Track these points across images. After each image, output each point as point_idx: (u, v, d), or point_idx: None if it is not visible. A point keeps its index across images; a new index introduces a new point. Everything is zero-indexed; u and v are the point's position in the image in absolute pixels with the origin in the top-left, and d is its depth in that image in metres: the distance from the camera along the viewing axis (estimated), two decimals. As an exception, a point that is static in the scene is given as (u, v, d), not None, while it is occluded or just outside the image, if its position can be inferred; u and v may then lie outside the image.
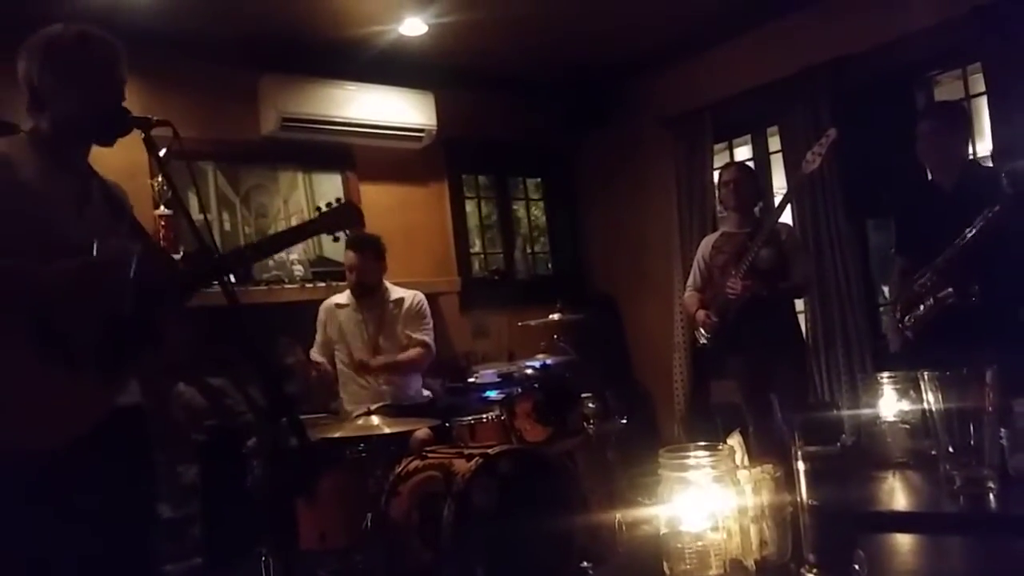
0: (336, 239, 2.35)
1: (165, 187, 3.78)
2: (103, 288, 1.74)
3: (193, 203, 4.19)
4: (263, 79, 4.33)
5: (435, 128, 4.77)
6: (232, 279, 3.73)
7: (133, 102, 1.95)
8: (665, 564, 1.18)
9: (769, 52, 4.60)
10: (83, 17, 3.16)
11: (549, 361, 3.86)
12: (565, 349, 4.07)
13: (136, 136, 1.89)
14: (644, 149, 5.36)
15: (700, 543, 1.15)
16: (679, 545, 1.16)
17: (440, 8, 4.09)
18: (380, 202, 4.74)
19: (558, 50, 4.80)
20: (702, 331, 3.74)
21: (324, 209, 2.24)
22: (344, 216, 2.25)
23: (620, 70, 5.24)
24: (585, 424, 3.62)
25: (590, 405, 3.81)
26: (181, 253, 3.90)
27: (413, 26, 4.25)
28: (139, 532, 1.93)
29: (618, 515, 3.07)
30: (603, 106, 5.51)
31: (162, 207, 3.95)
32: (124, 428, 1.84)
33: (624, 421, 3.94)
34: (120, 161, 2.02)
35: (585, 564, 2.91)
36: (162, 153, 1.93)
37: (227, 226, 4.35)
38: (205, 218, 4.21)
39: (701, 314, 3.72)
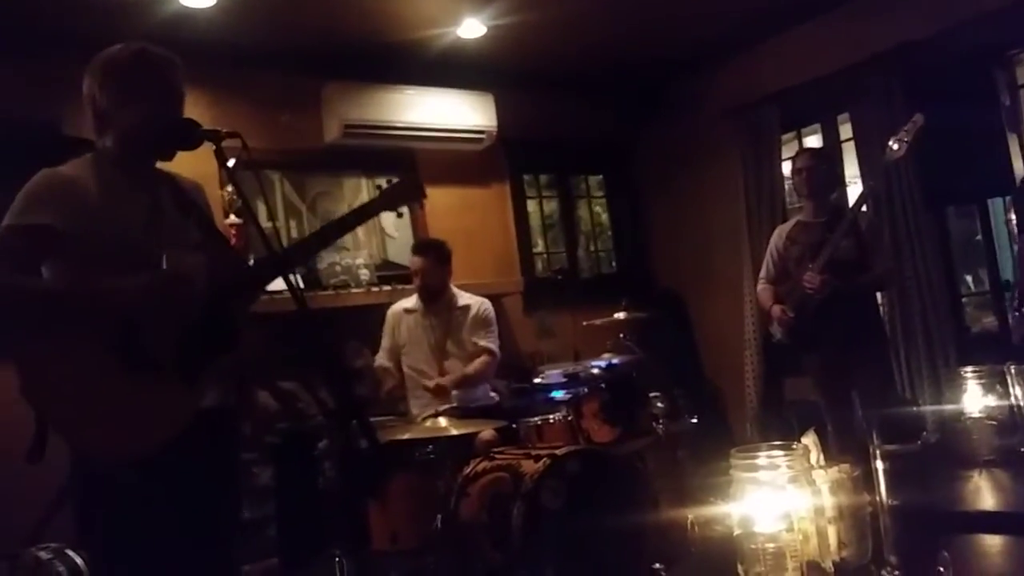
0: (399, 215, 2.28)
1: (235, 196, 3.88)
2: (173, 300, 1.79)
3: (262, 211, 4.32)
4: (325, 88, 4.41)
5: (495, 129, 4.78)
6: (301, 283, 3.81)
7: (200, 114, 2.01)
8: (739, 566, 1.15)
9: (837, 38, 4.46)
10: (149, 33, 3.31)
11: (615, 360, 3.83)
12: (631, 348, 4.03)
13: (206, 148, 1.93)
14: (708, 141, 5.27)
15: (775, 545, 1.11)
16: (753, 547, 1.13)
17: (498, 9, 4.09)
18: (442, 205, 4.77)
19: (617, 45, 4.75)
20: (777, 327, 3.64)
21: (384, 186, 2.20)
22: (405, 191, 2.22)
23: (681, 62, 5.15)
24: (654, 424, 3.57)
25: (658, 404, 3.75)
26: (252, 260, 4.00)
27: (472, 28, 4.27)
28: (227, 533, 1.98)
29: (690, 515, 3.01)
30: (665, 100, 5.44)
31: (232, 216, 4.06)
32: (211, 429, 1.89)
33: (694, 420, 3.87)
34: (191, 172, 2.07)
35: (657, 565, 2.86)
36: (231, 164, 1.98)
37: (295, 233, 4.45)
38: (273, 225, 4.33)
39: (777, 309, 3.61)
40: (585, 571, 2.72)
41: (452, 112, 4.66)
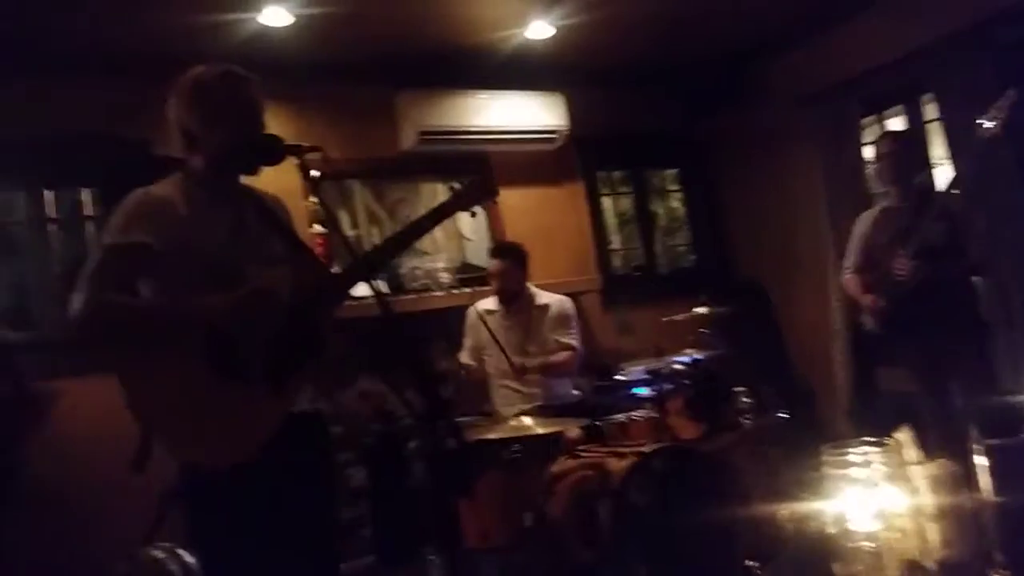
0: (473, 215, 2.30)
1: (319, 207, 4.00)
2: (257, 313, 1.85)
3: (344, 220, 4.45)
4: (399, 96, 4.50)
5: (567, 128, 4.79)
6: (384, 288, 3.91)
7: (281, 128, 2.08)
8: (836, 565, 1.14)
9: (917, 14, 4.28)
10: (230, 52, 3.46)
11: (698, 356, 3.78)
12: (714, 342, 3.97)
13: (290, 161, 2.01)
14: (784, 128, 5.13)
15: (873, 544, 1.09)
16: (851, 545, 1.11)
17: (565, 10, 4.10)
18: (517, 206, 4.81)
19: (687, 37, 4.69)
20: (869, 316, 3.53)
21: (457, 187, 2.24)
22: (476, 190, 2.24)
23: (752, 50, 5.05)
24: (741, 419, 3.52)
25: (745, 399, 3.70)
26: (337, 267, 4.12)
27: (539, 29, 4.29)
28: (324, 532, 2.05)
29: (782, 512, 2.96)
30: (738, 89, 5.34)
31: (317, 226, 4.19)
32: (302, 433, 1.97)
33: (783, 415, 3.80)
34: (276, 186, 2.15)
35: (750, 563, 2.83)
36: (314, 175, 2.05)
37: (377, 239, 4.54)
38: (356, 233, 4.45)
39: (868, 298, 3.50)
40: (677, 569, 2.71)
41: (523, 114, 4.69)
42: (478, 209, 2.27)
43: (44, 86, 3.70)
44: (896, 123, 4.80)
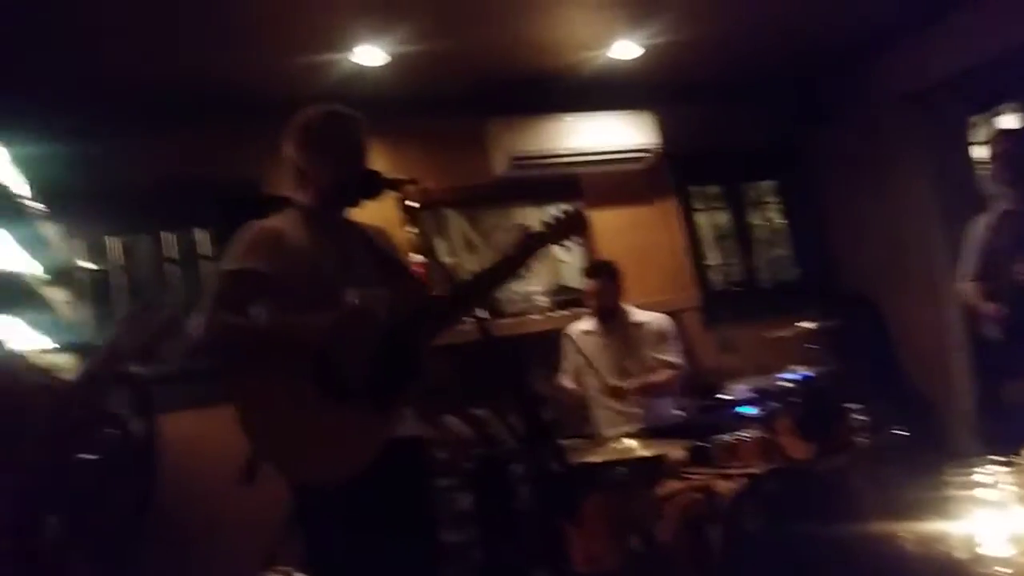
0: (568, 249, 2.34)
1: (416, 236, 4.10)
2: (358, 333, 1.92)
3: (442, 248, 4.55)
4: (490, 124, 4.58)
5: (658, 146, 4.75)
6: (484, 313, 3.95)
7: (378, 161, 2.18)
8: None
9: (1026, 6, 4.06)
10: (327, 91, 3.60)
11: (807, 372, 3.65)
12: (823, 358, 3.83)
13: (388, 193, 2.09)
14: (887, 132, 4.93)
15: (1009, 570, 1.03)
16: (985, 572, 1.05)
17: (653, 29, 4.09)
18: (611, 226, 4.79)
19: (779, 46, 4.60)
20: (992, 325, 3.34)
21: (550, 221, 2.27)
22: (568, 225, 2.28)
23: (849, 53, 4.88)
24: (855, 438, 3.37)
25: (858, 417, 3.53)
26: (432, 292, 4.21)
27: (626, 49, 4.29)
28: (426, 554, 2.09)
29: (903, 534, 2.81)
30: (833, 94, 5.18)
31: (415, 255, 4.28)
32: (404, 458, 2.01)
33: (901, 432, 3.61)
34: (376, 217, 2.24)
35: (871, 588, 2.70)
36: (411, 206, 2.12)
37: (473, 267, 4.62)
38: (454, 260, 4.54)
39: (989, 306, 3.32)
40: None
41: (613, 134, 4.69)
42: (570, 243, 2.30)
43: (158, 134, 3.97)
44: (1009, 121, 4.55)
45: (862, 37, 4.70)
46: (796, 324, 3.94)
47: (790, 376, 3.62)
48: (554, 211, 2.34)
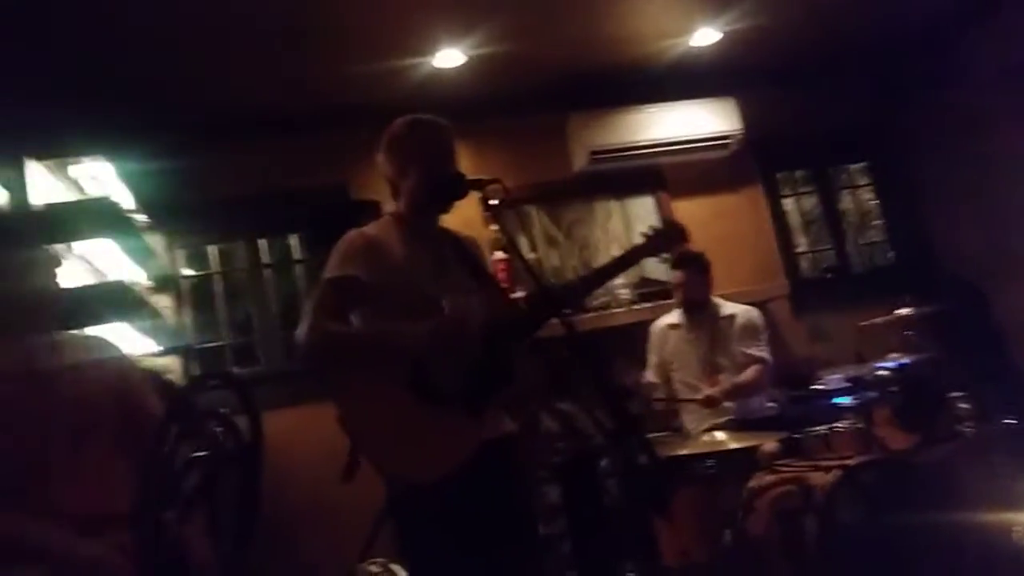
0: (663, 260, 2.39)
1: (500, 234, 4.15)
2: (454, 341, 1.97)
3: (524, 244, 4.58)
4: (569, 119, 4.58)
5: (741, 132, 4.65)
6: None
7: (460, 162, 2.22)
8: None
9: None
10: (403, 96, 3.68)
11: (905, 360, 3.51)
12: (923, 345, 3.68)
13: (472, 194, 2.13)
14: (987, 106, 4.68)
15: None
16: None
17: (733, 15, 4.01)
18: (694, 217, 4.70)
19: (865, 22, 4.43)
20: None
21: (648, 233, 2.29)
22: (668, 237, 2.30)
23: (943, 23, 4.66)
24: (960, 427, 3.23)
25: (963, 405, 3.38)
26: (521, 292, 4.24)
27: (706, 36, 4.22)
28: (527, 547, 2.13)
29: (1015, 527, 2.68)
30: (928, 69, 4.94)
31: (498, 252, 4.33)
32: (499, 454, 2.06)
33: (1011, 421, 3.44)
34: (459, 216, 2.28)
35: (981, 583, 2.58)
36: (493, 204, 2.16)
37: (555, 262, 4.64)
38: (536, 256, 4.56)
39: None
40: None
41: (694, 122, 4.61)
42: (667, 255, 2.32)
43: (253, 146, 4.15)
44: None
45: (956, 6, 4.48)
46: (893, 310, 3.80)
47: (887, 364, 3.49)
48: (653, 223, 2.36)
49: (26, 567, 1.66)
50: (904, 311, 3.74)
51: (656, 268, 4.67)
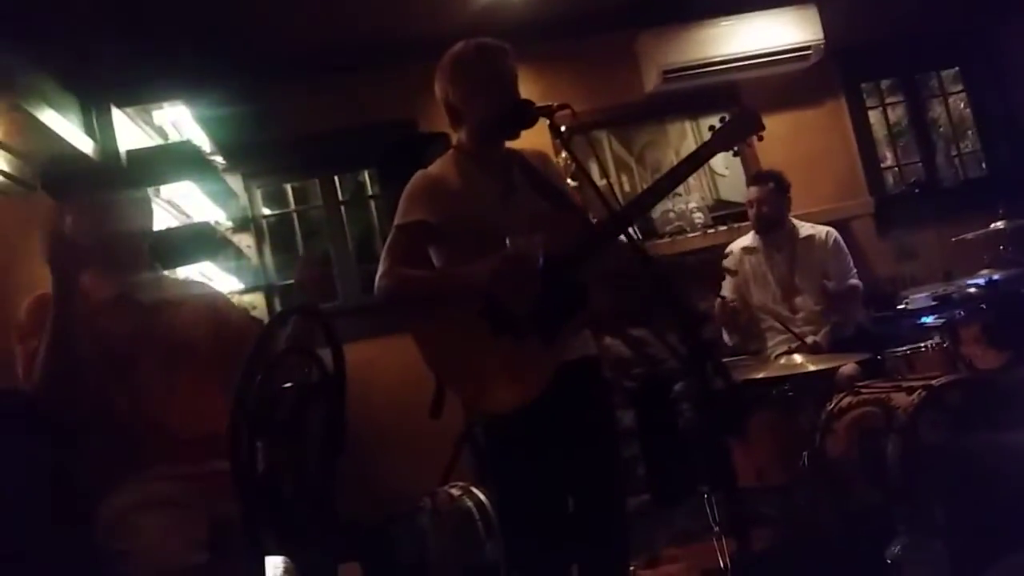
0: (736, 154, 2.23)
1: (570, 161, 4.10)
2: (514, 281, 1.96)
3: (595, 171, 4.53)
4: (639, 38, 4.44)
5: (822, 41, 4.41)
6: (640, 236, 3.94)
7: (528, 90, 2.16)
8: None
9: None
10: (471, 22, 3.63)
11: (997, 276, 3.36)
12: (1017, 261, 3.50)
13: (541, 121, 2.10)
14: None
15: None
16: None
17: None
18: (773, 133, 4.37)
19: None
20: None
21: (718, 126, 2.17)
22: (740, 126, 2.17)
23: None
24: (1054, 344, 3.09)
25: (1058, 321, 3.23)
26: (592, 217, 4.22)
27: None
28: (610, 470, 2.16)
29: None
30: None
31: (569, 180, 4.29)
32: (580, 379, 2.07)
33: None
34: (527, 145, 2.25)
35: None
36: (563, 131, 2.12)
37: (627, 187, 4.58)
38: (607, 182, 4.50)
39: None
40: (980, 509, 2.48)
41: (772, 33, 4.40)
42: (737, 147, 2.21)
43: (321, 84, 4.22)
44: None
45: None
46: (987, 225, 3.62)
47: (977, 281, 3.35)
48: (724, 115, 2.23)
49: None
50: (998, 224, 3.56)
51: (731, 189, 4.56)
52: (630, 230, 2.01)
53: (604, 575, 2.13)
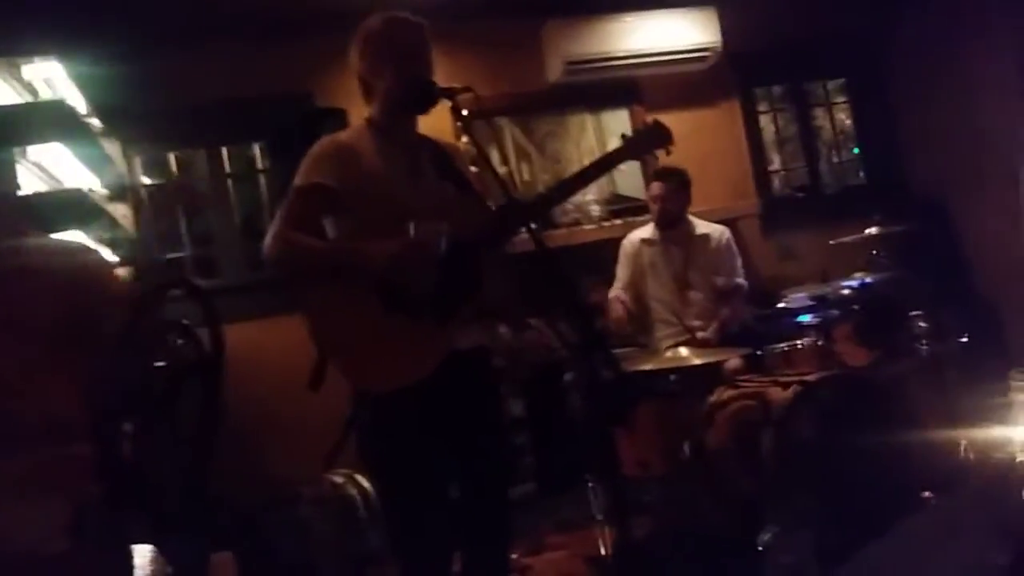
0: (644, 163, 2.29)
1: (470, 146, 4.07)
2: (411, 268, 1.93)
3: (494, 157, 4.50)
4: (545, 27, 4.43)
5: (720, 44, 4.53)
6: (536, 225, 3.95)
7: (434, 70, 2.13)
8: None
9: None
10: (370, 1, 3.53)
11: (869, 279, 3.56)
12: (887, 265, 3.72)
13: (442, 103, 2.05)
14: (971, 25, 4.61)
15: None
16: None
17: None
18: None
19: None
20: None
21: (629, 136, 2.21)
22: (650, 138, 2.21)
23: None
24: (917, 345, 3.30)
25: (921, 324, 3.46)
26: (492, 206, 4.20)
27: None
28: (493, 458, 2.15)
29: (962, 440, 2.78)
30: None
31: (469, 166, 4.26)
32: (469, 367, 2.05)
33: (964, 340, 3.52)
34: (427, 126, 2.21)
35: (926, 494, 2.69)
36: (464, 114, 2.08)
37: (526, 175, 4.59)
38: (507, 170, 4.49)
39: None
40: (845, 500, 2.62)
41: (673, 33, 4.48)
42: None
43: (213, 51, 3.98)
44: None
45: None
46: (862, 230, 3.82)
47: (851, 283, 3.54)
48: (638, 126, 2.27)
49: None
50: (872, 230, 3.77)
51: (629, 184, 4.64)
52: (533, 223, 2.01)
53: (486, 563, 2.12)
